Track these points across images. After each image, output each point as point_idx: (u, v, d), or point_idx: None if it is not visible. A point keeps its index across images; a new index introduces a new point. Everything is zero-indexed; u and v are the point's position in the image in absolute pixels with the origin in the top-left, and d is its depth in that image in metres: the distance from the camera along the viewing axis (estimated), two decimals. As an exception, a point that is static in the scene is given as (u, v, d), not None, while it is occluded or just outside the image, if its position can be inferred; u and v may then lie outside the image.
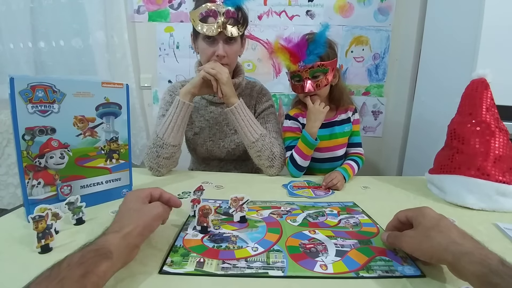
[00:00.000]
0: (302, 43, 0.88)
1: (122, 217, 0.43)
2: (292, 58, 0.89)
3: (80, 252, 0.34)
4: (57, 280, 0.30)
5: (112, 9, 1.59)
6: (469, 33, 1.10)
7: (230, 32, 0.86)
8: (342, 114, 1.02)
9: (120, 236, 0.38)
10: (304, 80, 0.90)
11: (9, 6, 1.54)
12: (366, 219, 0.61)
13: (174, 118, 0.86)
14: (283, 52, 0.90)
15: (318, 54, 0.88)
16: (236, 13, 0.87)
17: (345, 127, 1.02)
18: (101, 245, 0.35)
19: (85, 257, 0.33)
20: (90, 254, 0.33)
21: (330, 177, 0.82)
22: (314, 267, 0.43)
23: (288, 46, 0.90)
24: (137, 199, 0.46)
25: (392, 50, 1.69)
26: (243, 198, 0.58)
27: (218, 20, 0.84)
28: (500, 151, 0.70)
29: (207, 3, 0.84)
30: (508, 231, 0.56)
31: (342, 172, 0.85)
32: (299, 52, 0.88)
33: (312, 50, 0.87)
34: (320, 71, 0.89)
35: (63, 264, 0.32)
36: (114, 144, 0.65)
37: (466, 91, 0.78)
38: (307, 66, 0.88)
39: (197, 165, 1.15)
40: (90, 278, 0.32)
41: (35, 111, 0.53)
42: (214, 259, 0.45)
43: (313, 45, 0.87)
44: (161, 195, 0.50)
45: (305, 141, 0.90)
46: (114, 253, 0.35)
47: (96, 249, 0.34)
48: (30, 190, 0.54)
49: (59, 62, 1.69)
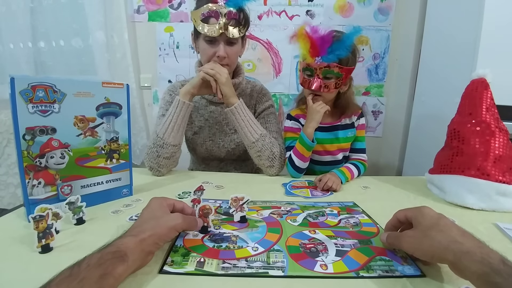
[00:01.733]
0: (327, 39, 0.83)
1: (144, 222, 0.43)
2: (312, 49, 0.85)
3: (99, 253, 0.35)
4: (78, 281, 0.31)
5: (112, 9, 1.59)
6: (469, 33, 1.10)
7: (232, 34, 0.86)
8: (347, 118, 0.99)
9: (136, 241, 0.39)
10: (315, 77, 0.87)
11: (9, 6, 1.54)
12: (366, 219, 0.61)
13: (174, 117, 0.86)
14: (305, 40, 0.85)
15: (338, 56, 0.83)
16: (238, 14, 0.87)
17: (348, 132, 0.99)
18: (118, 248, 0.36)
19: (103, 259, 0.34)
20: (108, 256, 0.35)
21: (323, 181, 0.79)
22: (314, 267, 0.43)
23: (312, 36, 0.85)
24: (160, 207, 0.47)
25: (392, 50, 1.69)
26: (243, 198, 0.58)
27: (219, 21, 0.84)
28: (500, 151, 0.70)
29: (209, 3, 0.84)
30: (508, 231, 0.56)
31: (337, 173, 0.85)
32: (321, 46, 0.83)
33: (334, 49, 0.82)
34: (334, 73, 0.85)
35: (83, 265, 0.33)
36: (114, 144, 0.65)
37: (466, 91, 0.78)
38: (323, 63, 0.84)
39: (197, 165, 1.15)
40: (107, 280, 0.33)
41: (36, 111, 0.53)
42: (214, 259, 0.45)
43: (337, 44, 0.82)
44: (183, 209, 0.51)
45: (302, 142, 0.89)
46: (130, 257, 0.36)
47: (113, 251, 0.36)
48: (31, 190, 0.54)
49: (59, 62, 1.69)
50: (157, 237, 0.42)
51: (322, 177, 0.81)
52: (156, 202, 0.48)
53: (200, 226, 0.51)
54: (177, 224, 0.45)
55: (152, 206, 0.47)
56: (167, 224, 0.44)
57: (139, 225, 0.43)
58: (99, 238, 0.47)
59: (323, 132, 0.96)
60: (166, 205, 0.48)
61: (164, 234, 0.43)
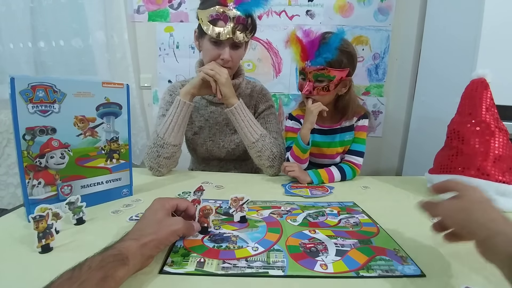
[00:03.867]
0: (316, 42, 0.83)
1: (145, 226, 0.43)
2: (302, 54, 0.85)
3: (100, 255, 0.35)
4: (78, 283, 0.31)
5: (112, 9, 1.59)
6: (469, 32, 1.10)
7: (238, 38, 0.86)
8: (347, 121, 0.95)
9: (138, 245, 0.39)
10: (307, 81, 0.87)
11: (9, 6, 1.54)
12: (366, 219, 0.61)
13: (175, 118, 0.86)
14: (296, 45, 0.85)
15: (326, 59, 0.81)
16: (246, 20, 0.87)
17: (346, 135, 0.95)
18: (120, 251, 0.37)
19: (104, 261, 0.34)
20: (110, 258, 0.35)
21: (287, 170, 0.84)
22: (314, 266, 0.43)
23: (302, 40, 0.84)
24: (162, 208, 0.47)
25: (392, 50, 1.69)
26: (243, 198, 0.58)
27: (228, 25, 0.83)
28: (499, 151, 0.70)
29: (218, 5, 0.83)
30: (508, 230, 0.56)
31: (309, 173, 0.86)
32: (310, 50, 0.83)
33: (321, 52, 0.82)
34: (325, 76, 0.84)
35: (84, 267, 0.33)
36: (114, 144, 0.65)
37: (466, 91, 0.78)
38: (312, 67, 0.84)
39: (197, 165, 1.15)
40: (108, 282, 0.33)
41: (36, 111, 0.53)
42: (214, 259, 0.45)
43: (323, 47, 0.82)
44: (187, 208, 0.51)
45: (297, 144, 0.87)
46: (131, 260, 0.37)
47: (115, 254, 0.36)
48: (31, 190, 0.54)
49: (59, 62, 1.69)
50: (158, 242, 0.42)
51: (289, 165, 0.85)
52: (159, 204, 0.48)
53: (198, 230, 0.51)
54: (178, 229, 0.45)
55: (154, 208, 0.47)
56: (169, 229, 0.44)
57: (140, 228, 0.43)
58: (99, 238, 0.47)
59: (321, 135, 0.94)
60: (170, 207, 0.48)
61: (165, 239, 0.43)
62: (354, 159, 0.93)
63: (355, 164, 0.92)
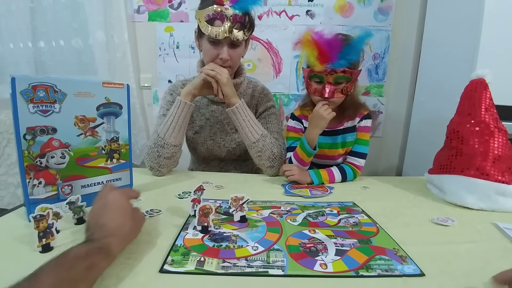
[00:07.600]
0: (336, 44, 0.79)
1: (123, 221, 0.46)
2: (320, 56, 0.80)
3: (85, 247, 0.38)
4: (65, 267, 0.34)
5: (112, 9, 1.59)
6: (469, 33, 1.10)
7: (236, 37, 0.86)
8: (350, 121, 0.93)
9: (119, 240, 0.43)
10: (325, 84, 0.82)
11: (9, 6, 1.53)
12: (365, 219, 0.61)
13: (176, 118, 0.86)
14: (311, 47, 0.80)
15: (350, 60, 0.79)
16: (243, 18, 0.86)
17: (348, 137, 0.93)
18: (105, 245, 0.40)
19: (91, 252, 0.37)
20: (95, 251, 0.38)
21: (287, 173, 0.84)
22: (314, 266, 0.43)
23: (319, 42, 0.80)
24: (128, 204, 0.49)
25: (392, 50, 1.69)
26: (243, 198, 0.58)
27: (225, 24, 0.83)
28: (499, 151, 0.70)
29: (215, 5, 0.83)
30: (507, 231, 0.56)
31: (310, 173, 0.85)
32: (330, 52, 0.79)
33: (345, 54, 0.78)
34: (345, 78, 0.82)
35: (71, 254, 0.35)
36: (114, 144, 0.65)
37: (465, 91, 0.78)
38: (335, 70, 0.80)
39: (197, 165, 1.15)
40: (92, 271, 0.36)
41: (36, 111, 0.53)
42: (214, 258, 0.45)
43: (348, 49, 0.79)
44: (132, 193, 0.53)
45: (302, 147, 0.86)
46: (114, 253, 0.41)
47: (100, 247, 0.39)
48: (31, 189, 0.54)
49: (59, 62, 1.69)
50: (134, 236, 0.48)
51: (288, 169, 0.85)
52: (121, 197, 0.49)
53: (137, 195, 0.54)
54: (143, 224, 0.51)
55: (123, 203, 0.48)
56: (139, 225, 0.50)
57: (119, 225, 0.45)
58: (100, 237, 0.47)
59: (323, 136, 0.91)
60: (129, 201, 0.50)
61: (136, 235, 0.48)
62: (355, 160, 0.92)
63: (356, 166, 0.91)
